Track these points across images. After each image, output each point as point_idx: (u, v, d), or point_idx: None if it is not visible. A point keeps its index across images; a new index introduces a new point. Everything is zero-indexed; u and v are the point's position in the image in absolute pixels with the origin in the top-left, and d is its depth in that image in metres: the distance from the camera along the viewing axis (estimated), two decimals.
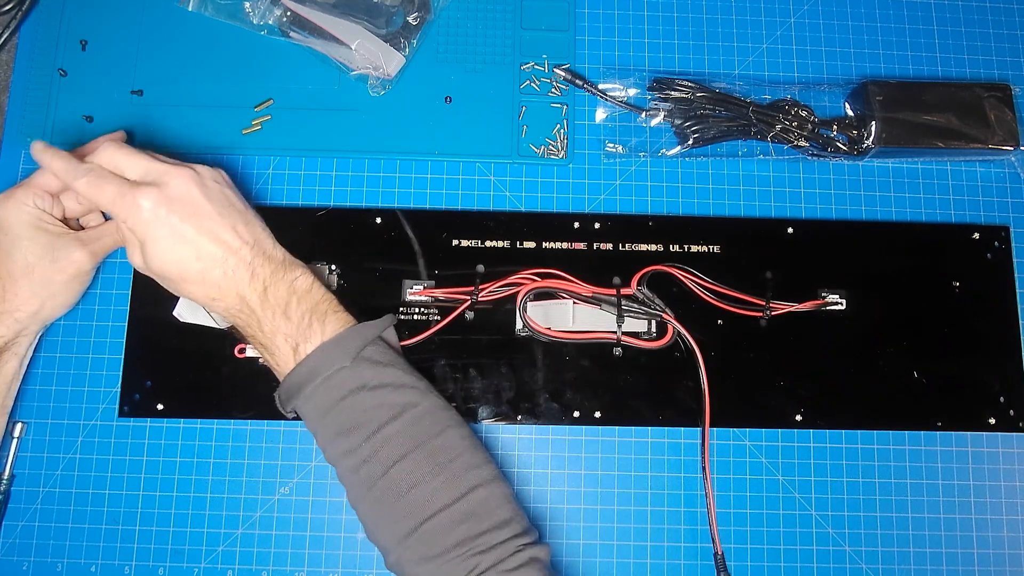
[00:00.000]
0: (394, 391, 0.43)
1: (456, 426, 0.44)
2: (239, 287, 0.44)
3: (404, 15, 0.56)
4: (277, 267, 0.45)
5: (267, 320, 0.44)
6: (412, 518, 0.41)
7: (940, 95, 0.56)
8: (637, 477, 0.52)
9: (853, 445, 0.53)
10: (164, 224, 0.43)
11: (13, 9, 0.57)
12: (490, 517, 0.41)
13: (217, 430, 0.52)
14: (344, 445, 0.42)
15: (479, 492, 0.42)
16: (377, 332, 0.45)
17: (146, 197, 0.42)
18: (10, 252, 0.47)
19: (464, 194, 0.56)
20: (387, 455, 0.42)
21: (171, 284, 0.45)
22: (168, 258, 0.43)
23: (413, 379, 0.45)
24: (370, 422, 0.42)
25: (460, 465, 0.42)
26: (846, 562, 0.51)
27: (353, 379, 0.43)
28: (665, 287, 0.53)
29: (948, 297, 0.54)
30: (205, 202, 0.44)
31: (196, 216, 0.43)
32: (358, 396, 0.43)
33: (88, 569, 0.50)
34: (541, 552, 0.42)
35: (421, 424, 0.43)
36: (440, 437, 0.43)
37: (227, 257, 0.44)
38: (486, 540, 0.40)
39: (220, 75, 0.57)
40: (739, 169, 0.57)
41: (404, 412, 0.43)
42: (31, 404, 0.52)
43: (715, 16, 0.60)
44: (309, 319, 0.44)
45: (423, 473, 0.41)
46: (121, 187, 0.43)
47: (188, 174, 0.44)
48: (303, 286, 0.45)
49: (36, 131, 0.55)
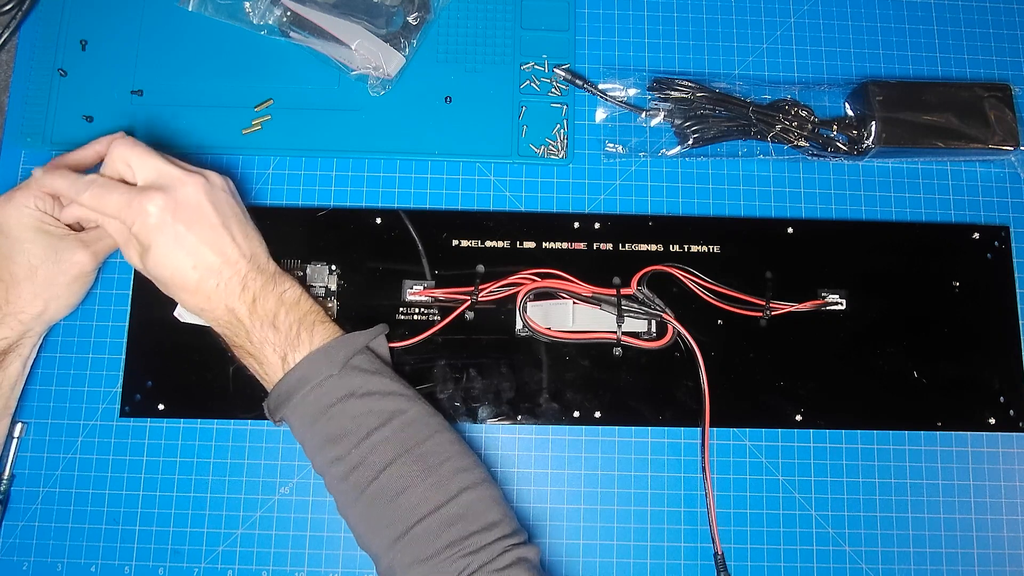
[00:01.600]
0: (382, 398, 0.43)
1: (444, 431, 0.44)
2: (229, 300, 0.44)
3: (404, 15, 0.56)
4: (267, 280, 0.45)
5: (255, 331, 0.44)
6: (402, 522, 0.41)
7: (940, 95, 0.56)
8: (637, 477, 0.52)
9: (853, 445, 0.53)
10: (169, 230, 0.43)
11: (13, 9, 0.57)
12: (479, 519, 0.41)
13: (217, 430, 0.52)
14: (333, 452, 0.42)
15: (468, 495, 0.42)
16: (366, 341, 0.45)
17: (153, 203, 0.43)
18: (12, 255, 0.47)
19: (464, 194, 0.56)
20: (376, 460, 0.42)
21: (163, 287, 0.45)
22: (167, 264, 0.43)
23: (401, 387, 0.45)
24: (359, 429, 0.42)
25: (449, 469, 0.42)
26: (846, 562, 0.51)
27: (341, 387, 0.43)
28: (665, 287, 0.53)
29: (948, 297, 0.54)
30: (212, 212, 0.44)
31: (200, 225, 0.43)
32: (347, 403, 0.43)
33: (88, 569, 0.50)
34: (530, 552, 0.42)
35: (409, 430, 0.43)
36: (428, 442, 0.43)
37: (223, 269, 0.44)
38: (475, 541, 0.40)
39: (220, 75, 0.57)
40: (739, 169, 0.57)
41: (392, 418, 0.43)
42: (31, 404, 0.52)
43: (715, 16, 0.60)
44: (297, 330, 0.44)
45: (412, 477, 0.42)
46: (125, 195, 0.43)
47: (199, 181, 0.44)
48: (291, 298, 0.45)
49: (36, 131, 0.55)
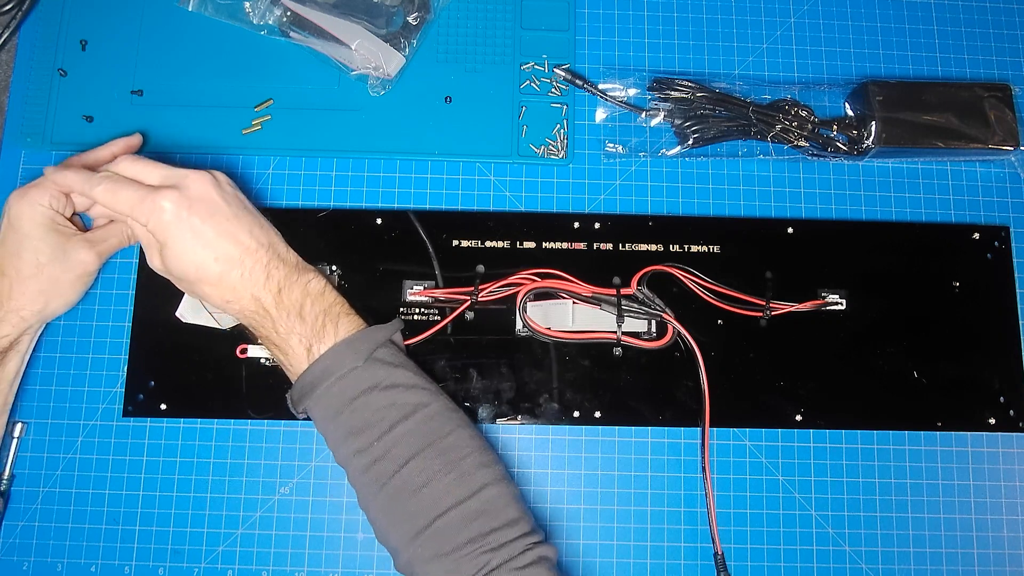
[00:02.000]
0: (405, 391, 0.44)
1: (466, 426, 0.44)
2: (254, 289, 0.44)
3: (404, 15, 0.56)
4: (291, 270, 0.45)
5: (282, 321, 0.44)
6: (424, 515, 0.41)
7: (940, 95, 0.56)
8: (637, 477, 0.52)
9: (853, 445, 0.53)
10: (186, 225, 0.43)
11: (13, 9, 0.57)
12: (500, 515, 0.42)
13: (217, 430, 0.52)
14: (356, 445, 0.43)
15: (489, 490, 0.42)
16: (388, 335, 0.46)
17: (167, 199, 0.43)
18: (20, 251, 0.47)
19: (464, 194, 0.56)
20: (399, 454, 0.42)
21: (187, 285, 0.46)
22: (188, 259, 0.44)
23: (423, 380, 0.45)
24: (382, 421, 0.43)
25: (471, 463, 0.42)
26: (846, 562, 0.51)
27: (365, 379, 0.43)
28: (665, 287, 0.53)
29: (948, 297, 0.54)
30: (223, 204, 0.44)
31: (215, 217, 0.44)
32: (370, 396, 0.43)
33: (88, 569, 0.50)
34: (550, 551, 0.42)
35: (432, 423, 0.43)
36: (451, 436, 0.43)
37: (244, 259, 0.44)
38: (497, 538, 0.41)
39: (220, 75, 0.57)
40: (739, 169, 0.57)
41: (415, 412, 0.43)
42: (31, 404, 0.52)
43: (715, 16, 0.60)
44: (323, 321, 0.45)
45: (434, 471, 0.42)
46: (139, 191, 0.43)
47: (206, 176, 0.45)
48: (316, 289, 0.46)
49: (36, 131, 0.55)
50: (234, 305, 0.45)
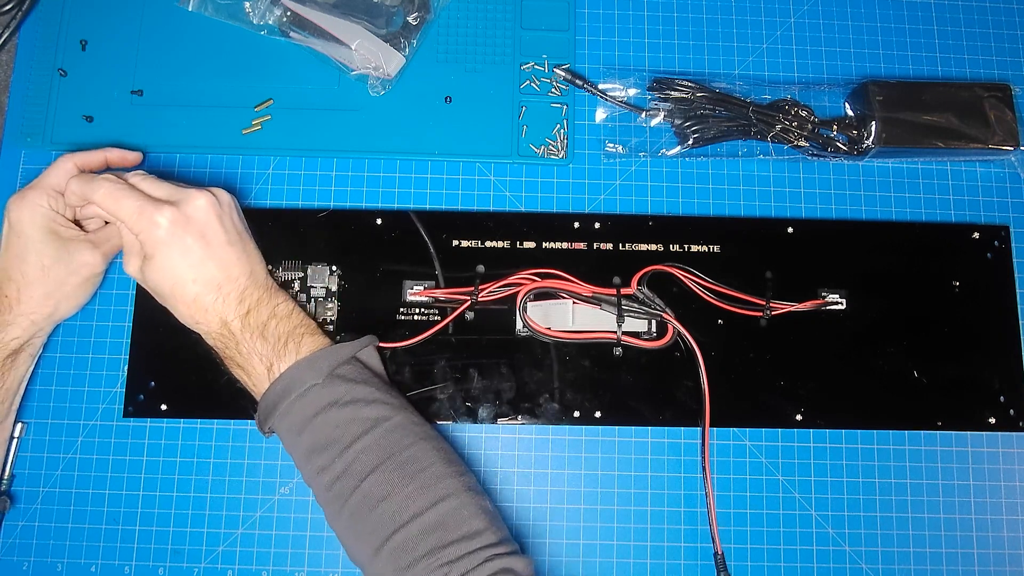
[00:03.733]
0: (366, 406, 0.43)
1: (429, 439, 0.44)
2: (225, 313, 0.44)
3: (404, 15, 0.56)
4: (263, 294, 0.46)
5: (244, 342, 0.44)
6: (383, 529, 0.40)
7: (940, 95, 0.56)
8: (637, 477, 0.52)
9: (853, 445, 0.53)
10: (177, 243, 0.43)
11: (13, 9, 0.57)
12: (460, 527, 0.40)
13: (217, 430, 0.52)
14: (318, 462, 0.42)
15: (450, 502, 0.41)
16: (352, 352, 0.45)
17: (164, 215, 0.43)
18: (24, 255, 0.47)
19: (464, 194, 0.56)
20: (359, 469, 0.41)
21: (159, 297, 0.46)
22: (167, 276, 0.44)
23: (386, 395, 0.45)
24: (343, 437, 0.42)
25: (431, 475, 0.42)
26: (846, 562, 0.51)
27: (325, 396, 0.43)
28: (665, 287, 0.53)
29: (948, 297, 0.54)
30: (219, 228, 0.44)
31: (207, 240, 0.44)
32: (330, 413, 0.43)
33: (88, 569, 0.50)
34: (518, 563, 0.40)
35: (392, 436, 0.43)
36: (411, 448, 0.42)
37: (224, 284, 0.44)
38: (455, 550, 0.39)
39: (220, 75, 0.57)
40: (739, 169, 0.57)
41: (376, 426, 0.43)
42: (31, 404, 0.52)
43: (715, 16, 0.60)
44: (285, 340, 0.45)
45: (394, 484, 0.41)
46: (140, 201, 0.43)
47: (208, 197, 0.45)
48: (284, 311, 0.46)
49: (36, 131, 0.55)
50: (202, 326, 0.45)
